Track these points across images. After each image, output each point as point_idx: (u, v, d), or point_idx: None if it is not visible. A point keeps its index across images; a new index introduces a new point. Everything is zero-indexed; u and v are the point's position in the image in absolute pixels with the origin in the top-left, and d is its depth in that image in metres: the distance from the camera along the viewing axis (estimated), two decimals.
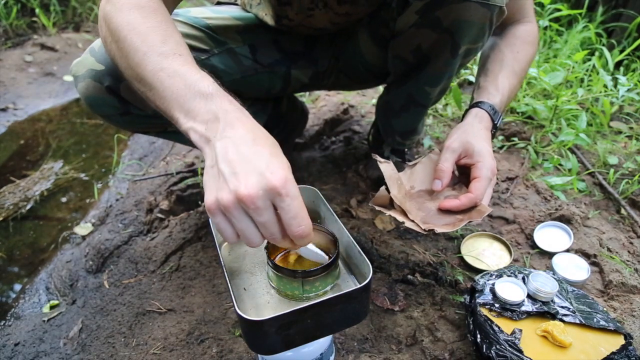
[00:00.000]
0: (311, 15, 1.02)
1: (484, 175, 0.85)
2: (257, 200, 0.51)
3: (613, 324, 0.77)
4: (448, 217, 0.85)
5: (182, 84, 0.59)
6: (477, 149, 0.87)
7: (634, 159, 1.40)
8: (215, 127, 0.56)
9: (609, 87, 1.66)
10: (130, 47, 0.64)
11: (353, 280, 0.69)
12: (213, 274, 1.09)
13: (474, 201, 0.83)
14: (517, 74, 0.99)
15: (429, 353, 0.86)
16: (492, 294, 0.83)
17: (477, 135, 0.89)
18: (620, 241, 1.11)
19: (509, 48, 1.01)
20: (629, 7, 2.04)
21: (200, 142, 0.57)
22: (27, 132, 2.00)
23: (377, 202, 0.89)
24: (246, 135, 0.55)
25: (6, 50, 2.59)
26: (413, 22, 0.93)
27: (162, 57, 0.62)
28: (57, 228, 1.40)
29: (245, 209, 0.52)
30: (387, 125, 1.25)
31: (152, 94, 0.63)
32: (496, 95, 0.94)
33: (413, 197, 0.91)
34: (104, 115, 0.97)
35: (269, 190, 0.51)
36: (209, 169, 0.55)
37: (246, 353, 0.88)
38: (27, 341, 0.99)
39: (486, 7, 0.85)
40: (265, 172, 0.51)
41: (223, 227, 0.54)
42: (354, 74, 1.23)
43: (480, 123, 0.92)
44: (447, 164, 0.87)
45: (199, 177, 1.45)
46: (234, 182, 0.51)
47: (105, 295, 1.07)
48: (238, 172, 0.52)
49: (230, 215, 0.52)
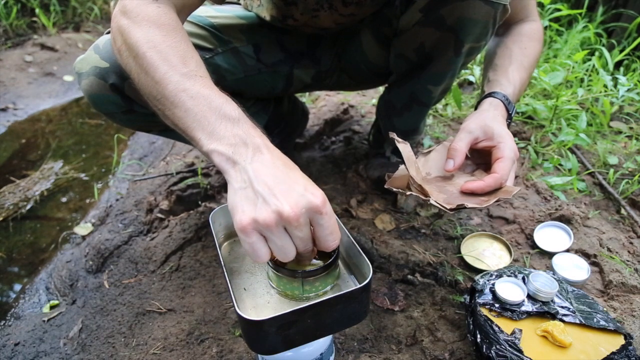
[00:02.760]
0: (316, 16, 1.02)
1: (507, 155, 0.82)
2: (300, 218, 0.54)
3: (613, 324, 0.77)
4: (473, 198, 0.81)
5: (205, 106, 0.61)
6: (497, 131, 0.84)
7: (634, 159, 1.40)
8: (242, 151, 0.58)
9: (609, 87, 1.66)
10: (150, 65, 0.65)
11: (353, 280, 0.69)
12: (213, 274, 1.09)
13: (499, 181, 0.79)
14: (527, 68, 0.98)
15: (429, 353, 0.86)
16: (492, 294, 0.83)
17: (495, 120, 0.87)
18: (620, 241, 1.11)
19: (516, 44, 1.00)
20: (629, 7, 2.04)
21: (226, 164, 0.58)
22: (27, 132, 2.00)
23: (395, 183, 0.85)
24: (277, 161, 0.58)
25: (6, 50, 2.59)
26: (416, 20, 0.93)
27: (184, 78, 0.63)
28: (57, 228, 1.40)
29: (287, 226, 0.54)
30: (389, 124, 1.25)
31: (171, 113, 0.64)
32: (508, 87, 0.92)
33: (431, 183, 0.87)
34: (107, 112, 0.97)
35: (311, 209, 0.54)
36: (239, 191, 0.56)
37: (246, 353, 0.88)
38: (27, 341, 0.99)
39: (490, 5, 0.85)
40: (306, 193, 0.55)
41: (258, 246, 0.55)
42: (356, 74, 1.23)
43: (496, 110, 0.89)
44: (462, 143, 0.84)
45: (199, 177, 1.45)
46: (275, 202, 0.53)
47: (105, 295, 1.07)
48: (277, 193, 0.54)
49: (270, 234, 0.54)
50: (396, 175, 0.86)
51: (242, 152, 0.58)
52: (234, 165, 0.58)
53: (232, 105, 0.62)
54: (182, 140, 1.22)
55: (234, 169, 0.57)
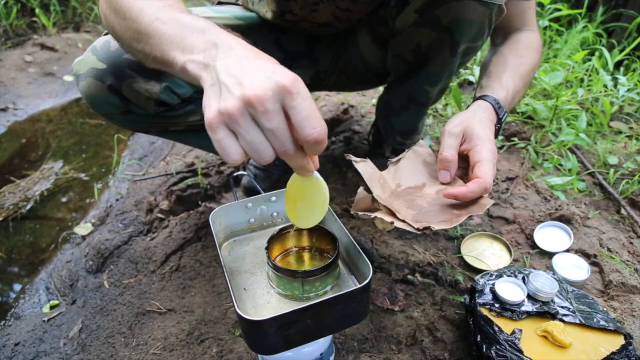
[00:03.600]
0: (315, 10, 1.02)
1: (485, 158, 0.75)
2: (266, 102, 0.47)
3: (613, 324, 0.77)
4: (443, 214, 0.74)
5: (178, 27, 0.58)
6: (476, 132, 0.78)
7: (634, 159, 1.40)
8: (213, 53, 0.53)
9: (609, 87, 1.66)
10: (126, 8, 0.65)
11: (353, 280, 0.69)
12: (213, 274, 1.09)
13: (483, 186, 0.72)
14: (522, 76, 0.94)
15: (429, 353, 0.86)
16: (492, 294, 0.83)
17: (480, 122, 0.81)
18: (620, 241, 1.11)
19: (512, 52, 0.97)
20: (629, 7, 2.04)
21: (198, 70, 0.54)
22: (27, 132, 2.00)
23: (359, 207, 0.78)
24: (248, 54, 0.53)
25: (6, 50, 2.59)
26: (412, 20, 0.94)
27: (157, 10, 0.62)
28: (57, 228, 1.40)
29: (253, 114, 0.48)
30: (388, 124, 1.25)
31: (148, 47, 0.61)
32: (500, 91, 0.88)
33: (400, 196, 0.80)
34: (105, 114, 0.98)
35: (278, 90, 0.47)
36: (208, 89, 0.51)
37: (246, 353, 0.88)
38: (27, 341, 0.99)
39: (485, 5, 0.85)
40: (273, 75, 0.48)
41: (227, 143, 0.49)
42: (354, 74, 1.24)
43: (484, 113, 0.84)
44: (452, 151, 0.77)
45: (199, 177, 1.45)
46: (239, 88, 0.48)
47: (105, 295, 1.07)
48: (242, 80, 0.48)
49: (236, 126, 0.48)
50: (359, 198, 0.78)
51: (212, 54, 0.53)
52: (205, 68, 0.53)
53: (203, 20, 0.59)
54: (181, 140, 1.22)
55: (205, 71, 0.53)
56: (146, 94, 0.93)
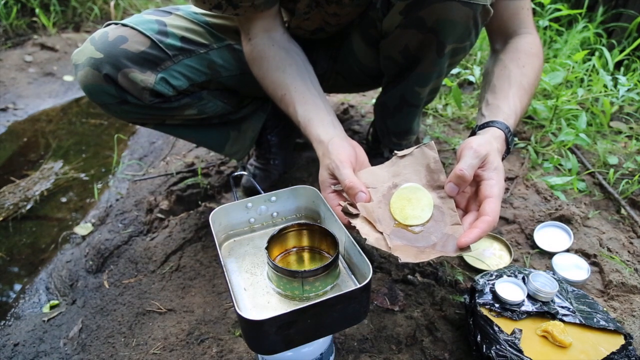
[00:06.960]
0: (308, 18, 1.04)
1: (497, 195, 0.73)
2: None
3: (613, 324, 0.77)
4: (422, 240, 0.72)
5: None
6: (495, 164, 0.76)
7: (634, 159, 1.40)
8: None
9: (609, 87, 1.65)
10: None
11: (353, 280, 0.69)
12: (213, 274, 1.09)
13: (492, 225, 0.70)
14: (527, 90, 0.92)
15: (429, 353, 0.86)
16: (492, 294, 0.83)
17: (497, 153, 0.79)
18: (620, 241, 1.11)
19: (514, 63, 0.94)
20: (629, 7, 2.04)
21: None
22: (27, 132, 2.00)
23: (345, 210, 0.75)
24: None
25: (6, 50, 2.59)
26: (398, 22, 0.94)
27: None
28: (57, 228, 1.40)
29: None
30: (383, 125, 1.26)
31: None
32: (510, 116, 0.86)
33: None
34: (102, 103, 0.99)
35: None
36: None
37: (246, 353, 0.88)
38: (27, 341, 0.99)
39: (468, 6, 0.84)
40: None
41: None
42: (350, 76, 1.25)
43: (498, 143, 0.81)
44: (472, 171, 0.74)
45: (199, 177, 1.45)
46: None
47: (105, 295, 1.07)
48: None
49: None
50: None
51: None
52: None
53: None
54: (177, 135, 1.22)
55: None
56: (141, 84, 0.94)
